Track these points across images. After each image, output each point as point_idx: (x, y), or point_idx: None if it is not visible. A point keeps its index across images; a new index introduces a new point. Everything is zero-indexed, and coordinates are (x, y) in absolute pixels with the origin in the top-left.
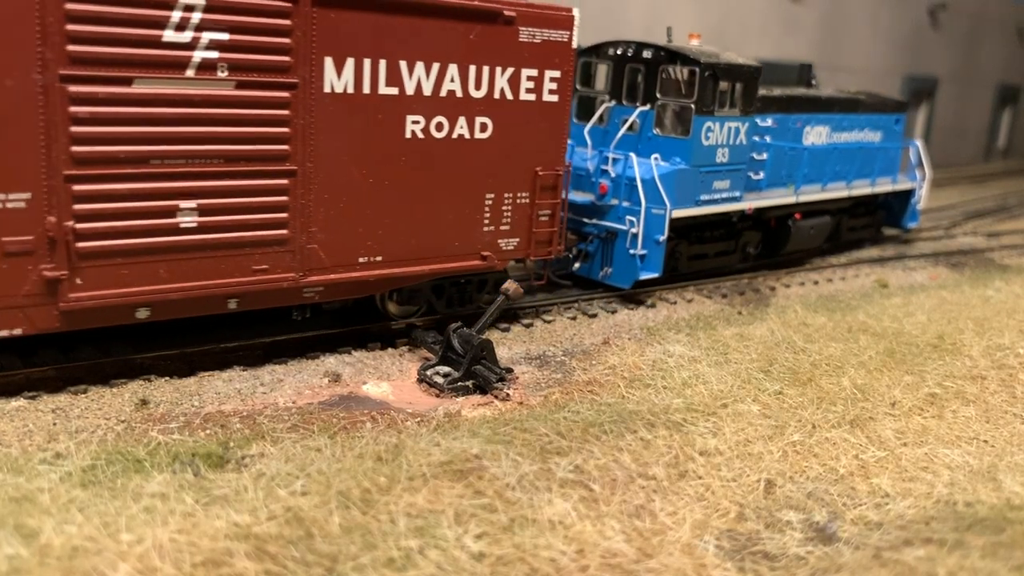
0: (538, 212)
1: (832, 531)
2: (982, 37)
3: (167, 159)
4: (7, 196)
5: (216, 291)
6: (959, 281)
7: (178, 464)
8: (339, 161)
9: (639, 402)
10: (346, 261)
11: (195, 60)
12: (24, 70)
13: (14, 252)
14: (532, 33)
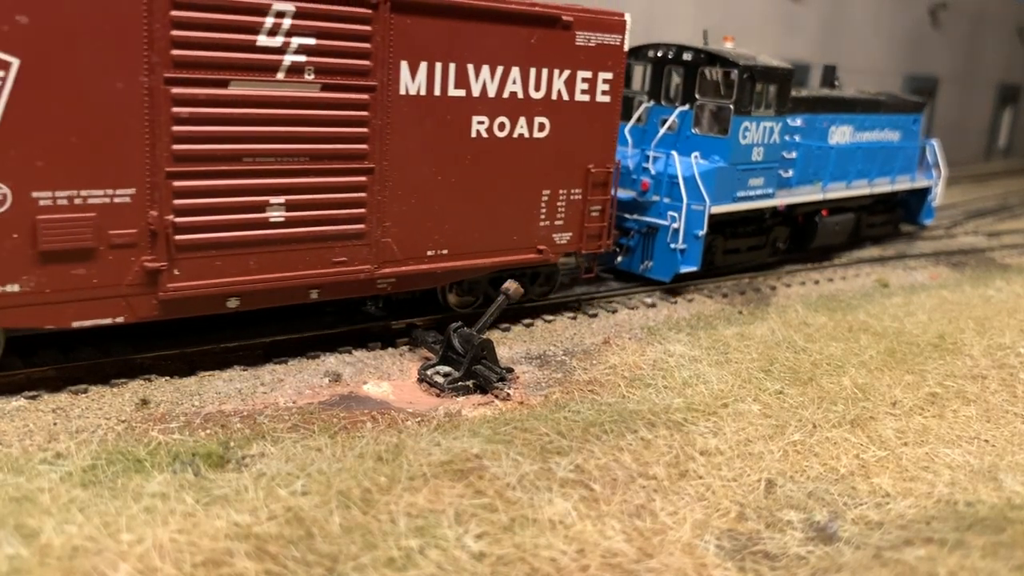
0: (589, 208)
1: (833, 531)
2: (983, 37)
3: (258, 157)
4: (114, 192)
5: (300, 282)
6: (960, 280)
7: (178, 464)
8: (411, 159)
9: (640, 402)
10: (416, 254)
11: (285, 63)
12: (132, 73)
13: (119, 244)
14: (587, 37)
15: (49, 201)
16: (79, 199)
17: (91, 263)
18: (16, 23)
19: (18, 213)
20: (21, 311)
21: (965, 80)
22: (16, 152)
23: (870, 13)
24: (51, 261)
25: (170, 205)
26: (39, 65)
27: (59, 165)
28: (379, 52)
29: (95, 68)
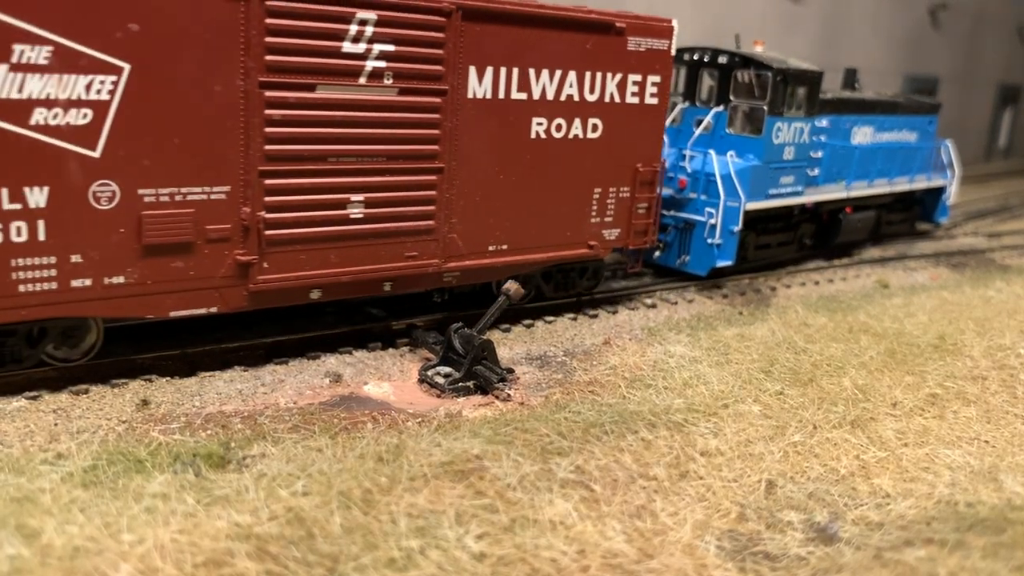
0: (637, 205)
1: (833, 531)
2: (983, 37)
3: (341, 157)
4: (211, 189)
5: (376, 275)
6: (960, 281)
7: (179, 464)
8: (476, 159)
9: (640, 402)
10: (478, 249)
11: (367, 69)
12: (230, 77)
13: (214, 239)
14: (638, 42)
15: (153, 198)
16: (179, 196)
17: (188, 256)
18: (128, 30)
19: (125, 209)
20: (125, 302)
21: (965, 80)
22: (125, 151)
23: (870, 13)
24: (153, 254)
25: (261, 202)
26: (147, 70)
27: (162, 164)
28: (451, 58)
29: (196, 72)
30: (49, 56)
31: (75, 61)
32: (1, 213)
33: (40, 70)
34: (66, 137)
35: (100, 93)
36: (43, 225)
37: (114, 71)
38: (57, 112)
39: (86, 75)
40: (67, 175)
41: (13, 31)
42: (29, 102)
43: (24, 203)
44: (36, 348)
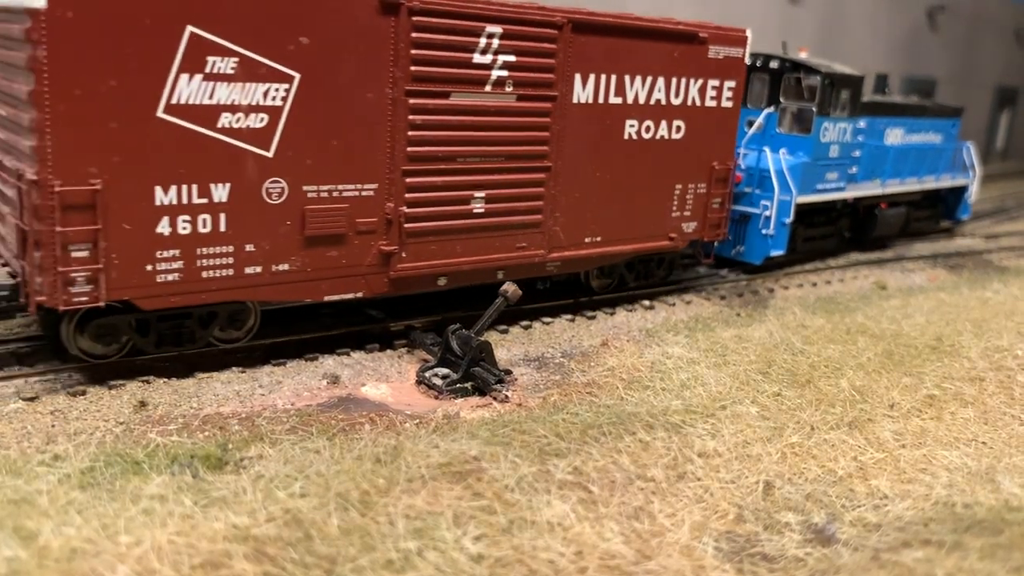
0: (712, 200)
1: (831, 533)
2: (980, 39)
3: (467, 157)
4: (363, 186)
5: (492, 264)
6: (957, 283)
7: (177, 466)
8: (577, 158)
9: (638, 404)
10: (576, 241)
11: (492, 77)
12: (380, 86)
13: (363, 231)
14: (717, 51)
15: (315, 194)
16: (336, 192)
17: (342, 246)
18: (300, 43)
19: (291, 204)
20: (288, 287)
21: (963, 82)
22: (293, 152)
23: (868, 15)
24: (313, 245)
25: (403, 198)
26: (313, 79)
27: (323, 163)
28: (560, 66)
29: (353, 81)
30: (235, 67)
31: (256, 71)
32: (191, 207)
33: (227, 79)
34: (246, 139)
35: (275, 99)
36: (224, 218)
37: (287, 80)
38: (239, 116)
39: (264, 83)
40: (245, 173)
41: (209, 45)
42: (217, 107)
43: (210, 198)
44: (207, 330)
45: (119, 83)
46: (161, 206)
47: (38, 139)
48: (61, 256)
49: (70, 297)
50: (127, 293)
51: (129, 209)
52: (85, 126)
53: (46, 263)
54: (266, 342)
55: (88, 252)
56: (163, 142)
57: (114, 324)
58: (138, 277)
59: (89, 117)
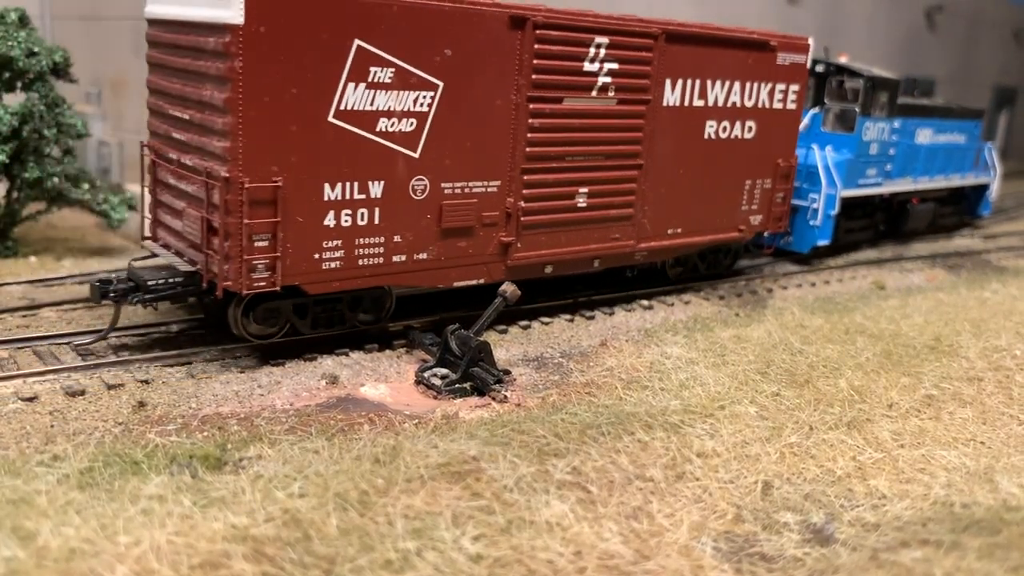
0: (776, 194)
1: (829, 532)
2: (979, 39)
3: (574, 156)
4: (488, 183)
5: (591, 254)
6: (956, 283)
7: (176, 466)
8: (664, 157)
9: (636, 404)
10: (661, 232)
11: (598, 83)
12: (507, 92)
13: (487, 223)
14: (784, 57)
15: (450, 190)
16: (467, 189)
17: (469, 238)
18: (444, 55)
19: (431, 199)
20: (425, 274)
21: (961, 82)
22: (434, 152)
23: (866, 15)
24: (447, 236)
25: (520, 194)
26: (454, 87)
27: (458, 163)
28: (654, 73)
29: (485, 89)
30: (392, 76)
31: (408, 80)
32: (352, 202)
33: (385, 87)
34: (398, 141)
35: (422, 105)
36: (378, 211)
37: (432, 88)
38: (394, 121)
39: (414, 91)
40: (396, 172)
41: (372, 56)
42: (376, 113)
43: (367, 194)
44: (354, 313)
45: (299, 91)
46: (328, 201)
47: (231, 141)
48: (246, 246)
49: (251, 282)
50: (297, 279)
51: (302, 203)
52: (270, 129)
53: (233, 252)
54: (265, 342)
55: (268, 242)
56: (332, 144)
57: (277, 308)
58: (307, 264)
59: (274, 121)
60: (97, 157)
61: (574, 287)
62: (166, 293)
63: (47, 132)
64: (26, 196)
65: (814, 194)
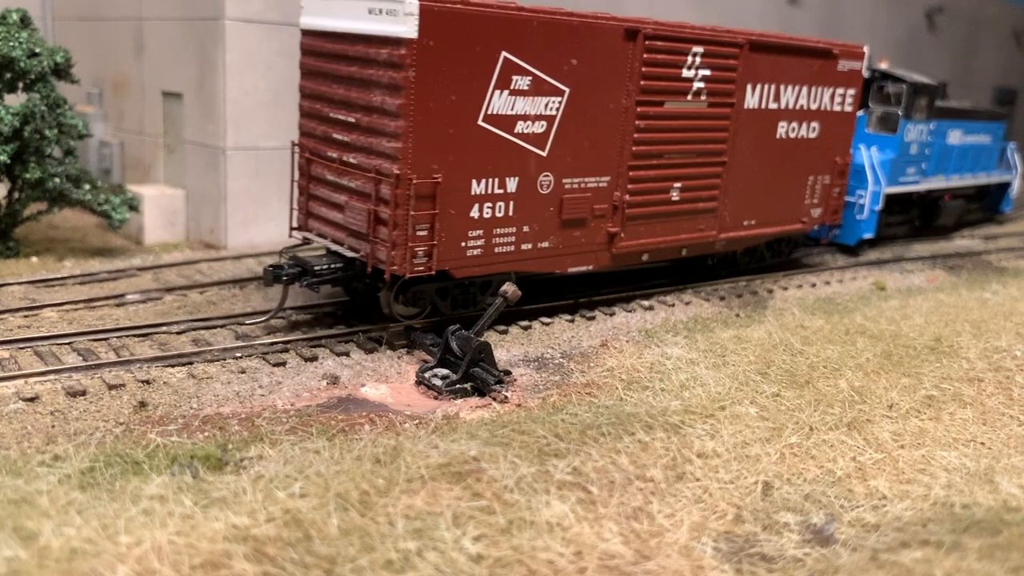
0: (834, 189)
1: (829, 533)
2: (979, 40)
3: (670, 155)
4: (600, 179)
5: (680, 243)
6: (956, 284)
7: (177, 466)
8: (743, 155)
9: (637, 404)
10: (738, 224)
11: (693, 88)
12: (619, 97)
13: (597, 215)
14: (843, 64)
15: (570, 185)
16: (584, 184)
17: (583, 228)
18: (571, 64)
19: (554, 194)
20: (546, 261)
21: (961, 83)
22: (558, 151)
23: (866, 16)
24: (566, 227)
25: (626, 188)
26: (577, 92)
27: (576, 160)
28: (739, 79)
29: (602, 94)
30: (529, 84)
31: (542, 87)
32: (493, 196)
33: (523, 94)
34: (531, 142)
35: (551, 109)
36: (512, 204)
37: (560, 94)
38: (528, 123)
39: (546, 97)
40: (528, 169)
41: (514, 66)
42: (515, 117)
43: (505, 188)
44: (484, 295)
45: (457, 97)
46: (474, 195)
47: (402, 142)
48: (411, 235)
49: (412, 267)
50: (447, 265)
51: (454, 197)
52: (433, 132)
53: (399, 240)
54: (266, 342)
55: (427, 232)
56: (479, 144)
57: (424, 291)
58: (455, 252)
59: (436, 125)
60: (98, 158)
61: (575, 287)
62: (329, 277)
63: (48, 133)
64: (27, 196)
65: (861, 191)
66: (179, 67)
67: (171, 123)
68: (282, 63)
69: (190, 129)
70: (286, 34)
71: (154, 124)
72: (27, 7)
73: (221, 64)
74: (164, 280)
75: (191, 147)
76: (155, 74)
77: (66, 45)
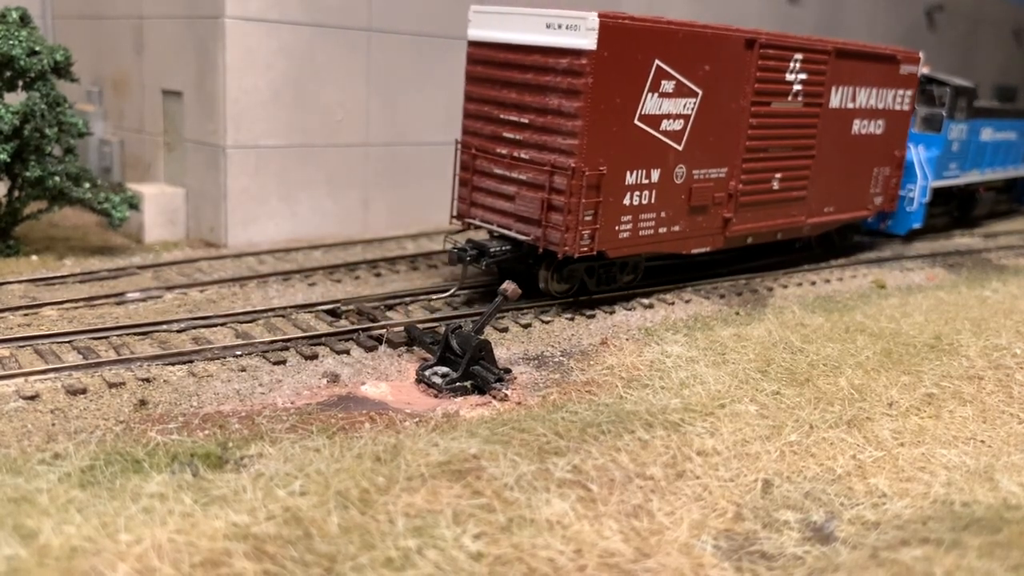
0: (892, 180)
1: (829, 531)
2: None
3: (773, 149)
4: (720, 170)
5: (777, 227)
6: (956, 282)
7: (177, 464)
8: (826, 148)
9: (637, 402)
10: (820, 210)
11: (793, 90)
12: (739, 98)
13: (716, 202)
14: (903, 68)
15: (698, 176)
16: (708, 175)
17: (704, 214)
18: (704, 69)
19: (685, 183)
20: (676, 242)
21: None
22: (691, 146)
23: (866, 15)
24: (692, 213)
25: (739, 178)
26: (708, 94)
27: (704, 153)
28: (826, 81)
29: (727, 95)
30: (673, 87)
31: (682, 89)
32: (640, 186)
33: (668, 96)
34: (671, 137)
35: (687, 109)
36: (654, 193)
37: (695, 95)
38: (670, 122)
39: (685, 98)
40: (666, 162)
41: (663, 72)
42: (661, 116)
43: (650, 179)
44: (623, 275)
45: (621, 100)
46: (627, 185)
47: (578, 139)
48: (580, 220)
49: (579, 248)
50: (604, 246)
51: (613, 187)
52: (602, 130)
53: (571, 224)
54: (266, 340)
55: (591, 217)
56: (633, 140)
57: (576, 270)
58: (610, 235)
59: (604, 124)
60: (98, 156)
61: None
62: (502, 257)
63: (48, 131)
64: (27, 195)
65: (910, 185)
66: (179, 65)
67: (171, 121)
68: (282, 61)
69: (190, 127)
70: (286, 33)
71: (154, 122)
72: (27, 5)
73: (221, 62)
74: (164, 278)
75: (191, 145)
76: (155, 72)
77: (66, 43)
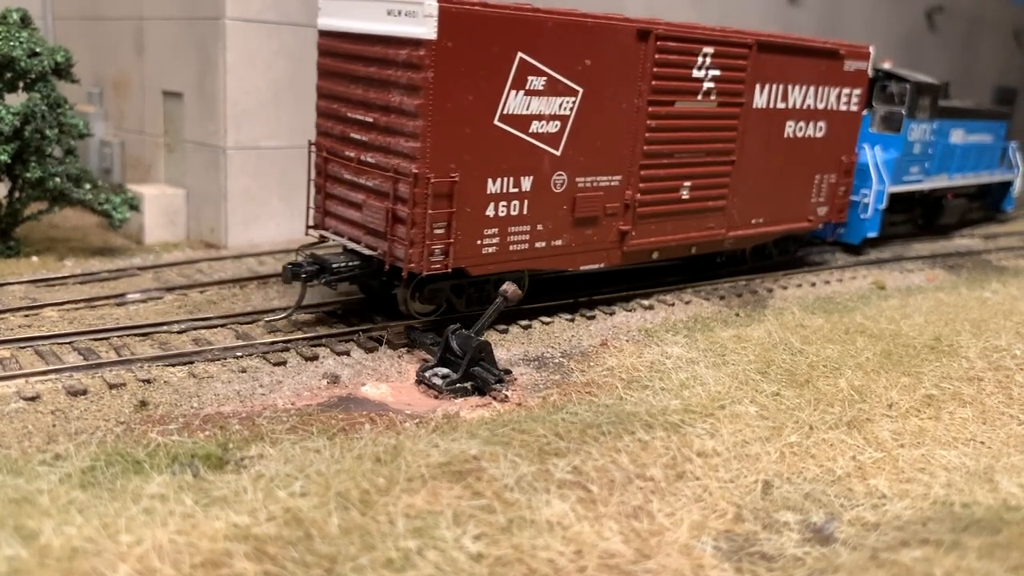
0: (839, 187)
1: (829, 532)
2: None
3: (680, 154)
4: (612, 178)
5: (690, 241)
6: (956, 283)
7: (177, 465)
8: (751, 154)
9: (637, 403)
10: (746, 222)
11: (703, 88)
12: (631, 97)
13: (609, 214)
14: (849, 64)
15: (583, 184)
16: (596, 183)
17: (595, 226)
18: (585, 64)
19: (567, 192)
20: (558, 258)
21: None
22: (571, 151)
23: (866, 16)
24: (578, 225)
25: (637, 187)
26: (591, 93)
27: (589, 159)
28: (748, 79)
29: (615, 94)
30: (544, 84)
31: (556, 87)
32: (508, 195)
33: (538, 94)
34: (545, 141)
35: (565, 109)
36: (526, 203)
37: (574, 94)
38: (543, 123)
39: (560, 97)
40: (542, 168)
41: (529, 67)
42: (530, 116)
43: (519, 187)
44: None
45: (474, 98)
46: (490, 194)
47: (420, 142)
48: (428, 233)
49: (429, 265)
50: (463, 262)
51: (470, 196)
52: (451, 131)
53: (417, 238)
54: (267, 341)
55: (444, 230)
56: (495, 144)
57: (440, 288)
58: (471, 250)
59: (454, 124)
60: (99, 157)
61: (577, 286)
62: (347, 275)
63: (49, 132)
64: (28, 196)
65: (865, 190)
66: (179, 66)
67: (171, 122)
68: (282, 63)
69: (190, 128)
70: (286, 34)
71: (154, 124)
72: (27, 6)
73: (221, 63)
74: (165, 279)
75: (191, 146)
76: (155, 73)
77: (66, 44)
